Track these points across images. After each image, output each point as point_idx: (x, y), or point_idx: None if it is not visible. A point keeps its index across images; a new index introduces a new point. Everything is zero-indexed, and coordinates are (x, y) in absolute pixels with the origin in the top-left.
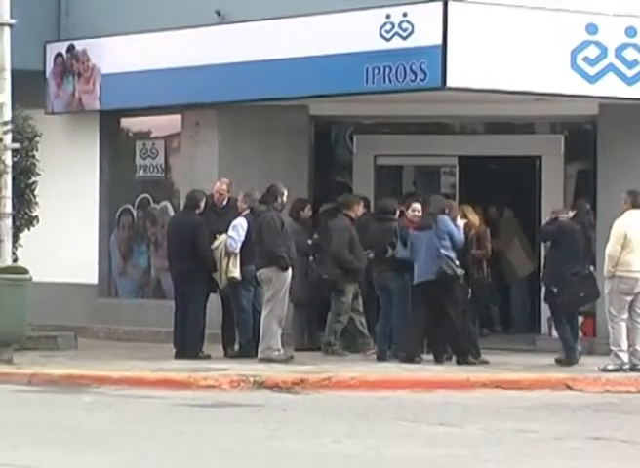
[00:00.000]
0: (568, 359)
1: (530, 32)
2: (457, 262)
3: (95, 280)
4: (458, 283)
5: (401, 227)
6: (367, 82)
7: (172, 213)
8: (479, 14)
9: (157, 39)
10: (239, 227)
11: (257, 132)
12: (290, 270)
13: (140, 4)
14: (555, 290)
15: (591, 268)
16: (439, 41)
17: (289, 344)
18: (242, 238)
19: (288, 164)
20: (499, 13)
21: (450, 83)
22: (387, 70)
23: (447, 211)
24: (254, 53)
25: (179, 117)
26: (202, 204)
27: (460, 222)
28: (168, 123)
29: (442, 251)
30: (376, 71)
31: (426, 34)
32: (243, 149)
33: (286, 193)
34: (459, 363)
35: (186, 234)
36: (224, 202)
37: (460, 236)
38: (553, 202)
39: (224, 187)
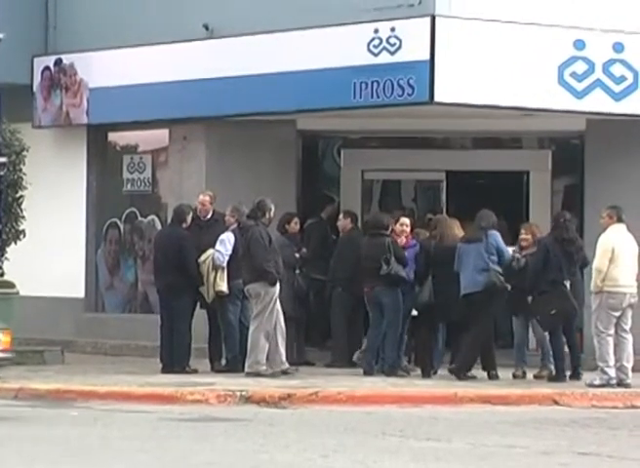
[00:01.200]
0: (557, 375)
1: (517, 47)
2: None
3: (82, 294)
4: (502, 296)
5: (393, 242)
6: (355, 97)
7: (159, 227)
8: (467, 29)
9: (145, 53)
10: (226, 241)
11: (244, 146)
12: (278, 285)
13: (127, 18)
14: (529, 299)
15: (567, 283)
16: (427, 56)
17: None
18: (229, 252)
19: (275, 178)
20: (486, 28)
21: (437, 98)
22: (375, 85)
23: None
24: (241, 67)
25: (166, 131)
26: (189, 218)
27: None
28: (155, 137)
29: (490, 264)
30: (363, 86)
31: (414, 49)
32: (230, 163)
33: (274, 209)
34: (491, 377)
35: (173, 248)
36: (208, 215)
37: (508, 254)
38: (541, 217)
39: (207, 199)
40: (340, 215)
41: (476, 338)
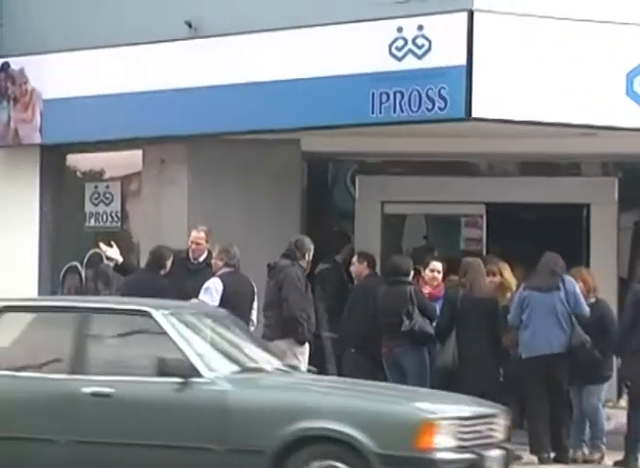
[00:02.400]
0: (626, 459)
1: (575, 50)
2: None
3: None
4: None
5: (416, 291)
6: (373, 111)
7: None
8: (512, 27)
9: (111, 56)
10: (213, 290)
11: (236, 172)
12: (307, 346)
13: (90, 13)
14: (617, 360)
15: None
16: (462, 61)
17: None
18: (216, 303)
19: (275, 211)
20: (536, 26)
21: (476, 113)
22: (398, 97)
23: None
24: (232, 74)
25: (139, 153)
26: (168, 263)
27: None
28: (125, 160)
29: (574, 318)
30: (384, 98)
31: (447, 52)
32: (219, 193)
33: (313, 250)
34: (561, 461)
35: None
36: (202, 257)
37: (586, 307)
38: (604, 259)
39: (202, 236)
40: (355, 258)
41: (561, 414)
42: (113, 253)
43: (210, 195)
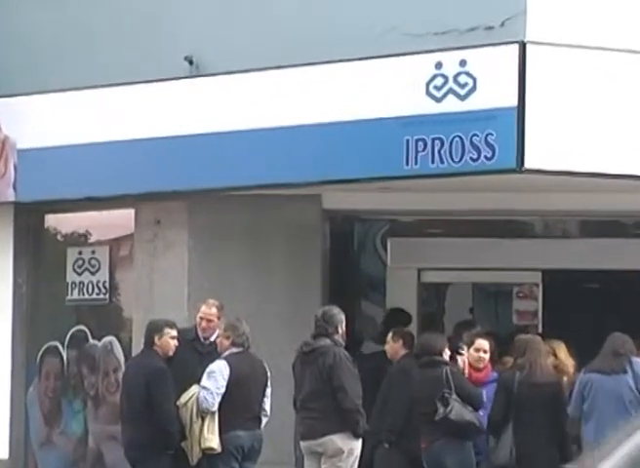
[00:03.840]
0: None
1: None
2: None
3: (4, 453)
4: None
5: (454, 373)
6: (407, 162)
7: (119, 353)
8: (572, 61)
9: (98, 98)
10: (218, 374)
11: (246, 234)
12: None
13: (73, 48)
14: None
15: None
16: (513, 101)
17: None
18: (222, 390)
19: (291, 280)
20: (602, 60)
21: (529, 163)
22: (437, 144)
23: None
24: (241, 118)
25: (130, 213)
26: (158, 337)
27: None
28: (115, 221)
29: None
30: (420, 146)
31: (495, 91)
32: (225, 259)
33: (344, 321)
34: None
35: (139, 387)
36: (214, 336)
37: None
38: None
39: (214, 312)
40: (389, 336)
41: None
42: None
43: (214, 262)
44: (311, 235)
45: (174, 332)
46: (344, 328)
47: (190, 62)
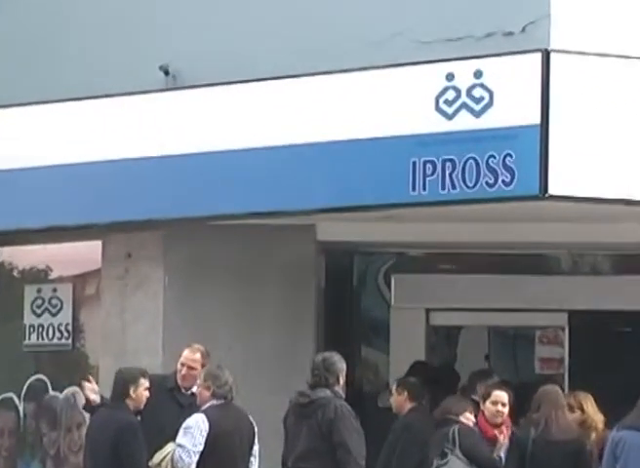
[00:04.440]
0: None
1: None
2: None
3: None
4: None
5: (462, 430)
6: (415, 186)
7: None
8: (604, 73)
9: (61, 114)
10: (195, 430)
11: (229, 269)
12: None
13: (32, 59)
14: None
15: None
16: (536, 119)
17: None
18: (200, 448)
19: (282, 322)
20: (639, 71)
21: (554, 189)
22: (448, 167)
23: None
24: (224, 137)
25: (97, 245)
26: (134, 389)
27: None
28: (79, 255)
29: None
30: (428, 169)
31: (514, 107)
32: (206, 299)
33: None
34: None
35: (108, 444)
36: (196, 385)
37: None
38: None
39: (197, 357)
40: (393, 388)
41: None
42: (91, 390)
43: (194, 302)
44: (304, 271)
45: (147, 383)
46: (344, 377)
47: (166, 73)
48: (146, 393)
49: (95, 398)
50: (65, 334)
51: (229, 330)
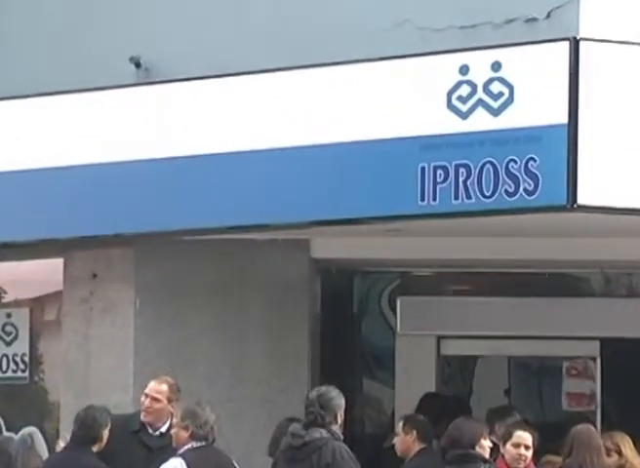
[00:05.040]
0: None
1: None
2: None
3: None
4: None
5: None
6: (423, 196)
7: (42, 448)
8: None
9: (6, 112)
10: None
11: (210, 291)
12: None
13: None
14: None
15: None
16: (563, 117)
17: None
18: None
19: (271, 351)
20: None
21: (583, 199)
22: (462, 174)
23: None
24: (202, 139)
25: (59, 263)
26: (105, 433)
27: None
28: (38, 275)
29: None
30: (440, 175)
31: (538, 104)
32: (184, 325)
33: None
34: None
35: None
36: (166, 425)
37: None
38: None
39: (163, 389)
40: (399, 426)
41: None
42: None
43: (169, 329)
44: (297, 293)
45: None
46: (343, 416)
47: (137, 65)
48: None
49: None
50: (21, 366)
51: (210, 360)
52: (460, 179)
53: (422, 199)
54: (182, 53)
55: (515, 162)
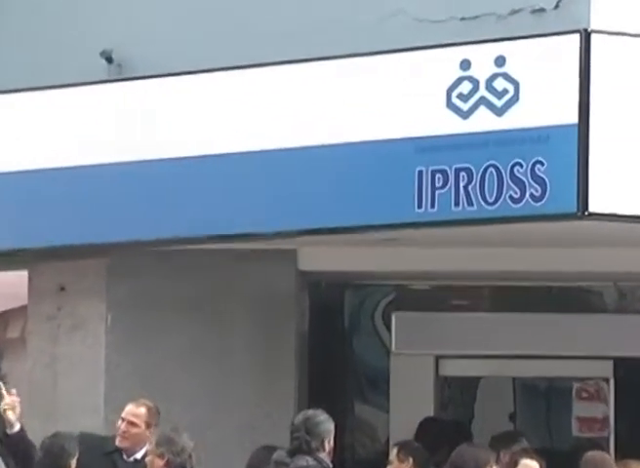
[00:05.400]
0: None
1: None
2: None
3: None
4: None
5: None
6: (420, 203)
7: None
8: None
9: None
10: None
11: (189, 306)
12: None
13: None
14: None
15: None
16: (573, 117)
17: None
18: None
19: (255, 371)
20: None
21: (595, 206)
22: (463, 178)
23: None
24: (180, 141)
25: (23, 275)
26: (73, 463)
27: None
28: (0, 288)
29: None
30: (438, 180)
31: (546, 102)
32: (160, 343)
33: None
34: None
35: None
36: (142, 450)
37: None
38: None
39: (141, 412)
40: (393, 452)
41: None
42: (11, 409)
43: (144, 347)
44: (283, 309)
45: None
46: (332, 443)
47: (109, 60)
48: None
49: (12, 420)
50: None
51: (188, 382)
52: (461, 184)
53: (420, 206)
54: (157, 46)
55: (521, 165)
